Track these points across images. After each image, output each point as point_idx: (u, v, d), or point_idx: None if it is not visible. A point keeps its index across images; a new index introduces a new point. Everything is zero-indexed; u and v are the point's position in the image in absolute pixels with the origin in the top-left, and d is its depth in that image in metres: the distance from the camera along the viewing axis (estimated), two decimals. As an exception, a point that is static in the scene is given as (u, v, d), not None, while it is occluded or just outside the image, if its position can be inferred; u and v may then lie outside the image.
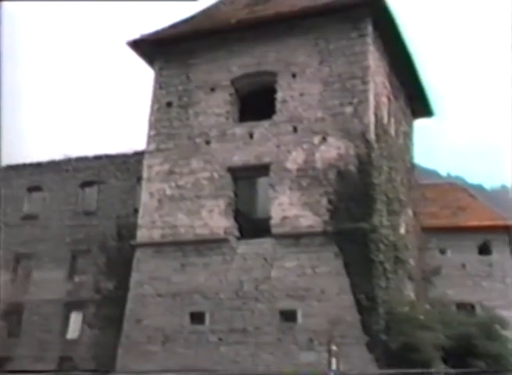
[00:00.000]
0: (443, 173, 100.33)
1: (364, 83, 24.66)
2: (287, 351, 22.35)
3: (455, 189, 39.03)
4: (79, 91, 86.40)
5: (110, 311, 31.71)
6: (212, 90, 26.93)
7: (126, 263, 28.40)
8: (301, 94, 25.32)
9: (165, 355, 23.98)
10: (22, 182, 41.47)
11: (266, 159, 24.95)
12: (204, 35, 27.40)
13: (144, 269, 25.84)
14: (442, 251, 34.55)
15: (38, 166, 41.38)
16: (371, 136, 24.08)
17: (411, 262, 28.31)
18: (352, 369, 20.48)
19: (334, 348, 20.42)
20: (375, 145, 24.19)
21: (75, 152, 40.45)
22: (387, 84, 27.45)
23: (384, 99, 26.77)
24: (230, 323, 23.39)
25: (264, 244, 24.15)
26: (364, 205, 23.23)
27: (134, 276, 25.91)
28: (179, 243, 25.43)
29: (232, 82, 26.81)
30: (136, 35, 28.22)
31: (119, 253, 31.94)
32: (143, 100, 36.93)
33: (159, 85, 28.02)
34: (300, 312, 22.75)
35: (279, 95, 25.73)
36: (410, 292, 27.56)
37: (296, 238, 23.84)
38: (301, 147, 24.67)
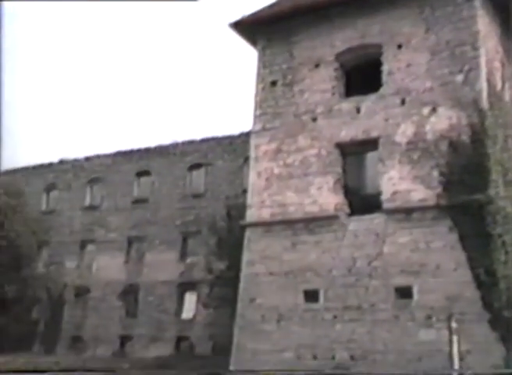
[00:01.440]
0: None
1: (475, 49, 23.82)
2: (405, 328, 22.08)
3: None
4: (183, 75, 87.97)
5: (223, 291, 32.50)
6: (316, 66, 26.79)
7: (236, 243, 28.93)
8: (408, 65, 24.77)
9: (281, 333, 24.26)
10: (131, 167, 43.05)
11: (374, 133, 24.64)
12: (305, 11, 27.21)
13: (255, 249, 26.16)
14: None
15: (146, 151, 42.78)
16: (484, 104, 23.26)
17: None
18: (475, 349, 20.08)
19: (454, 325, 20.11)
20: (489, 113, 23.34)
21: (182, 136, 41.45)
22: (499, 49, 26.41)
23: (497, 64, 25.78)
24: (344, 301, 23.37)
25: (376, 220, 23.93)
26: (478, 177, 22.50)
27: (246, 256, 26.27)
28: (289, 221, 25.56)
29: (337, 57, 26.54)
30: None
31: (230, 233, 32.56)
32: (247, 81, 37.40)
33: (263, 64, 28.15)
34: (416, 289, 22.42)
35: (385, 67, 25.26)
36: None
37: (407, 213, 23.46)
38: (410, 119, 24.16)
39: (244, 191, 30.71)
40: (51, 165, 47.52)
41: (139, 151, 43.30)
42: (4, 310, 39.84)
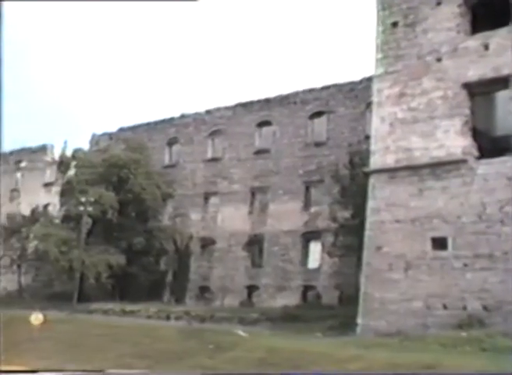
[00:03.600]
0: None
1: None
2: (541, 277, 21.50)
3: None
4: (302, 22, 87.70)
5: (348, 239, 32.72)
6: (438, 4, 25.91)
7: (360, 191, 28.97)
8: (541, -7, 23.49)
9: (408, 282, 24.21)
10: (251, 118, 43.68)
11: (505, 71, 23.65)
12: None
13: (380, 196, 26.06)
14: None
15: (266, 101, 43.23)
16: None
17: None
18: None
19: None
20: None
21: (302, 85, 41.48)
22: None
23: None
24: (475, 248, 22.94)
25: (508, 163, 23.19)
26: None
27: (370, 204, 26.25)
28: (415, 167, 25.24)
29: (460, -8, 25.60)
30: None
31: (353, 181, 32.56)
32: (366, 25, 36.77)
33: (382, 6, 27.54)
34: (552, 235, 21.72)
35: (516, -1, 24.08)
36: None
37: (543, 154, 22.62)
38: (545, 53, 23.06)
39: (367, 138, 30.57)
40: (172, 119, 48.95)
41: (259, 101, 43.82)
42: (133, 261, 41.90)
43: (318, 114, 40.74)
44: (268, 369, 20.08)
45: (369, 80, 29.90)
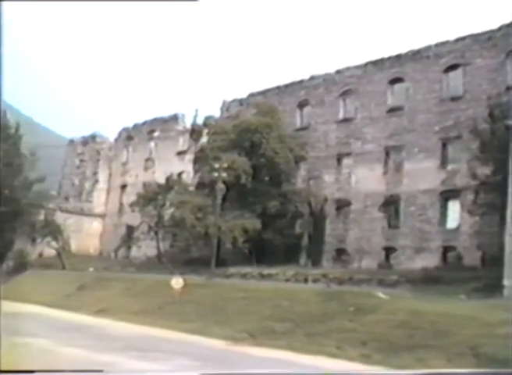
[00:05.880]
0: None
1: None
2: None
3: None
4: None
5: (489, 197, 31.52)
6: None
7: (501, 146, 27.71)
8: None
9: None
10: (383, 75, 42.90)
11: None
12: None
13: (524, 150, 24.84)
14: None
15: (398, 57, 42.23)
16: None
17: None
18: None
19: None
20: None
21: (434, 38, 40.03)
22: None
23: None
24: None
25: None
26: None
27: (514, 159, 25.08)
28: None
29: None
30: None
31: (493, 136, 31.08)
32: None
33: None
34: None
35: None
36: None
37: None
38: None
39: (508, 89, 29.26)
40: (302, 81, 48.76)
41: (390, 58, 42.83)
42: (268, 225, 42.38)
43: (453, 67, 39.19)
44: (412, 332, 19.81)
45: (509, 26, 28.36)
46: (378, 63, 43.47)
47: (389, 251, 40.11)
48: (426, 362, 16.59)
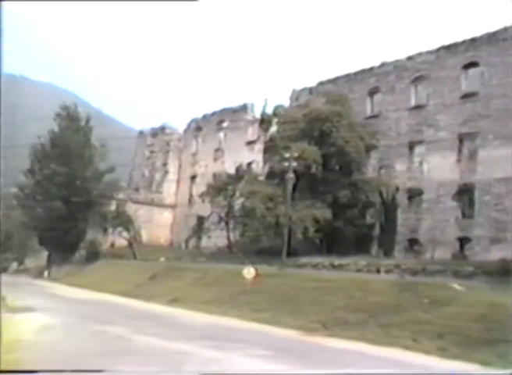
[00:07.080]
0: None
1: None
2: None
3: None
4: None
5: None
6: None
7: None
8: None
9: None
10: (456, 60, 41.91)
11: None
12: None
13: None
14: None
15: (472, 41, 41.13)
16: None
17: None
18: None
19: None
20: None
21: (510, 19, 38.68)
22: None
23: None
24: None
25: None
26: None
27: None
28: None
29: None
30: None
31: None
32: None
33: None
34: None
35: None
36: None
37: None
38: None
39: None
40: (372, 69, 48.07)
41: (464, 42, 41.72)
42: (339, 215, 41.98)
43: (532, 49, 37.99)
44: (490, 326, 19.25)
45: None
46: (451, 48, 42.45)
47: (463, 241, 39.19)
48: (509, 359, 16.03)
